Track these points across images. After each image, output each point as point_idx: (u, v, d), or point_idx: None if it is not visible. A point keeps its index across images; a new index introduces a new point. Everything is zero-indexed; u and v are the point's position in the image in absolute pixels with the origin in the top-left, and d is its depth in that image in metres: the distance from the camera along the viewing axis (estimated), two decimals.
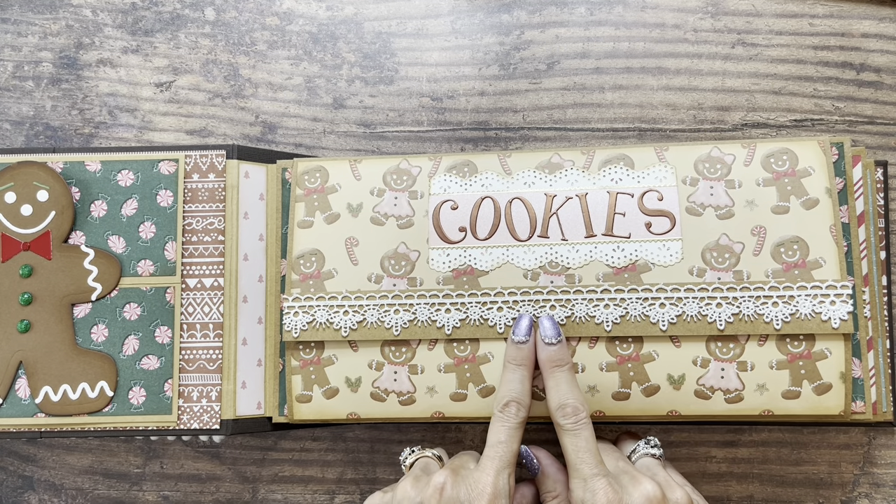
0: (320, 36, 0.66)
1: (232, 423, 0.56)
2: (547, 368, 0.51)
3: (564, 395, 0.50)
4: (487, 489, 0.47)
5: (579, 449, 0.48)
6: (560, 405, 0.49)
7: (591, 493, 0.46)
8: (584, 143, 0.64)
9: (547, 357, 0.51)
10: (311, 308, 0.55)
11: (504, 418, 0.50)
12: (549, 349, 0.51)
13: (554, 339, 0.51)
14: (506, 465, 0.49)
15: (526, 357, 0.51)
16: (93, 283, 0.57)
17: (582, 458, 0.48)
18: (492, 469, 0.48)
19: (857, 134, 0.62)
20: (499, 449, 0.49)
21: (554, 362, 0.51)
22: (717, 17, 0.64)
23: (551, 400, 0.50)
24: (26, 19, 0.68)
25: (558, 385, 0.50)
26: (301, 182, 0.57)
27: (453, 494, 0.47)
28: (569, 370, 0.51)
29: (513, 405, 0.50)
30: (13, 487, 0.64)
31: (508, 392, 0.50)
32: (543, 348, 0.51)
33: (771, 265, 0.51)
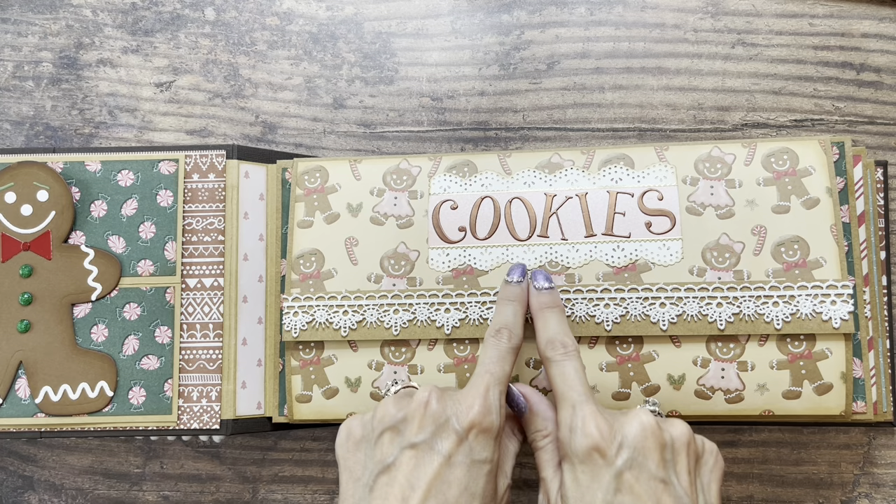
0: (320, 36, 0.66)
1: (232, 423, 0.56)
2: (537, 310, 0.50)
3: (553, 332, 0.48)
4: (476, 402, 0.45)
5: (567, 376, 0.46)
6: (549, 340, 0.48)
7: (581, 419, 0.44)
8: (584, 143, 0.64)
9: (538, 301, 0.50)
10: (310, 308, 0.55)
11: (496, 342, 0.48)
12: (542, 294, 0.50)
13: (546, 285, 0.50)
14: (497, 383, 0.47)
15: (518, 294, 0.50)
16: (93, 283, 0.57)
17: (570, 385, 0.46)
18: (482, 385, 0.46)
19: (857, 134, 0.62)
20: (490, 367, 0.47)
21: (545, 304, 0.50)
22: (717, 17, 0.64)
23: (540, 338, 0.49)
24: (26, 19, 0.68)
25: (547, 323, 0.49)
26: (301, 182, 0.57)
27: (439, 409, 0.45)
28: (560, 311, 0.50)
29: (505, 331, 0.49)
30: (13, 487, 0.64)
31: (502, 321, 0.50)
32: (535, 295, 0.50)
33: (771, 265, 0.51)
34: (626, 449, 0.43)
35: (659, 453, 0.43)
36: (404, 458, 0.44)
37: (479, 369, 0.47)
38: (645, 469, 0.43)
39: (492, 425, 0.45)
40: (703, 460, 0.46)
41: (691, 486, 0.44)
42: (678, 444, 0.44)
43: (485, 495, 0.45)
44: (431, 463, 0.44)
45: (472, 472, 0.44)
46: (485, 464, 0.45)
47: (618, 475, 0.42)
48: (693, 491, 0.44)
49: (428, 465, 0.44)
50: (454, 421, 0.45)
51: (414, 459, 0.44)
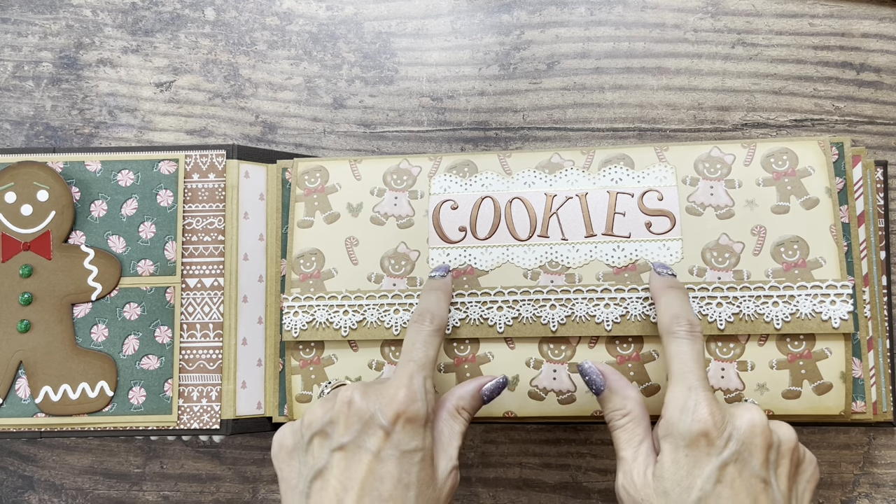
0: (320, 36, 0.66)
1: (232, 422, 0.56)
2: (661, 290, 0.49)
3: (678, 308, 0.47)
4: (400, 392, 0.45)
5: (689, 357, 0.45)
6: (675, 315, 0.47)
7: (694, 402, 0.43)
8: (584, 143, 0.64)
9: (661, 282, 0.50)
10: (310, 308, 0.55)
11: (418, 326, 0.48)
12: (664, 277, 0.50)
13: (668, 271, 0.50)
14: (420, 368, 0.46)
15: (441, 284, 0.51)
16: (93, 282, 0.57)
17: (690, 367, 0.45)
18: (405, 373, 0.46)
19: (857, 134, 0.62)
20: (413, 353, 0.47)
21: (669, 283, 0.49)
22: (717, 17, 0.64)
23: (664, 313, 0.48)
24: (26, 19, 0.68)
25: (671, 301, 0.48)
26: (301, 182, 0.57)
27: (363, 405, 0.45)
28: (684, 292, 0.49)
29: (427, 314, 0.49)
30: (13, 487, 0.64)
31: (424, 307, 0.50)
32: (657, 278, 0.50)
33: (771, 265, 0.51)
34: (734, 441, 0.43)
35: (765, 452, 0.43)
36: (335, 461, 0.44)
37: (402, 357, 0.47)
38: (748, 465, 0.43)
39: (417, 413, 0.45)
40: (802, 468, 0.46)
41: (789, 491, 0.44)
42: (784, 448, 0.44)
43: (420, 483, 0.44)
44: (361, 461, 0.44)
45: (402, 464, 0.44)
46: (415, 452, 0.44)
47: (722, 466, 0.42)
48: (790, 497, 0.44)
49: (358, 464, 0.44)
50: (379, 416, 0.44)
51: (344, 461, 0.44)
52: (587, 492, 0.61)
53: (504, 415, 0.53)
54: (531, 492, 0.62)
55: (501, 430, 0.62)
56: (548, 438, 0.62)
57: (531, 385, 0.53)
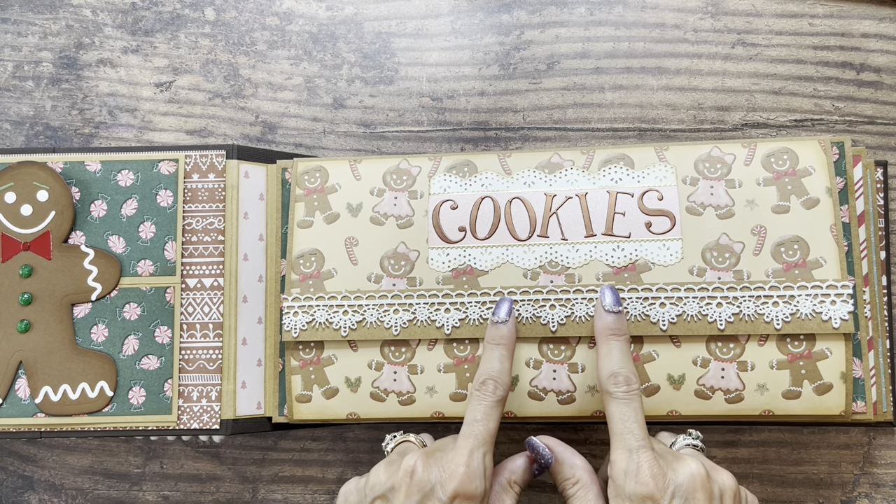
0: (320, 36, 0.66)
1: (232, 423, 0.56)
2: (602, 336, 0.50)
3: (617, 364, 0.48)
4: (460, 469, 0.46)
5: (627, 418, 0.47)
6: (612, 373, 0.48)
7: (636, 465, 0.45)
8: (584, 143, 0.64)
9: (604, 325, 0.50)
10: (310, 308, 0.55)
11: (481, 396, 0.48)
12: (608, 317, 0.50)
13: (613, 307, 0.50)
14: (481, 444, 0.47)
15: (505, 336, 0.50)
16: (93, 283, 0.57)
17: (629, 429, 0.46)
18: (465, 449, 0.46)
19: (857, 134, 0.62)
20: (474, 427, 0.47)
21: (611, 330, 0.49)
22: (717, 17, 0.64)
23: (603, 368, 0.49)
24: (26, 19, 0.68)
25: (611, 353, 0.49)
26: (301, 182, 0.57)
27: (424, 477, 0.46)
28: (625, 341, 0.49)
29: (490, 383, 0.49)
30: (13, 487, 0.64)
31: (486, 370, 0.49)
32: (602, 316, 0.50)
33: (771, 265, 0.51)
34: (678, 498, 0.44)
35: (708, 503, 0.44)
36: None
37: (464, 429, 0.48)
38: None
39: (476, 491, 0.46)
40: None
41: None
42: (727, 495, 0.46)
43: None
44: None
45: None
46: None
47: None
48: None
49: None
50: (439, 490, 0.45)
51: None
52: None
53: (504, 415, 0.53)
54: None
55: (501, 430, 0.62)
56: None
57: (531, 385, 0.53)
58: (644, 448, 0.45)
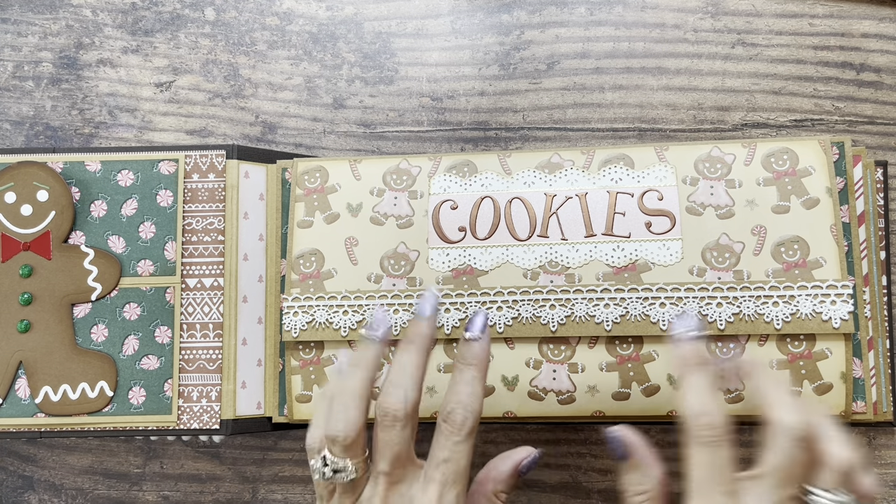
0: (320, 36, 0.66)
1: (232, 423, 0.56)
2: (682, 369, 0.43)
3: (704, 404, 0.41)
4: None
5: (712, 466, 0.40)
6: (701, 413, 0.41)
7: None
8: (584, 143, 0.64)
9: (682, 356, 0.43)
10: (310, 308, 0.55)
11: (448, 431, 0.42)
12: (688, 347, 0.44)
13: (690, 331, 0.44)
14: (452, 485, 0.42)
15: (477, 355, 0.44)
16: (93, 283, 0.57)
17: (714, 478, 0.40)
18: (434, 493, 0.42)
19: (857, 134, 0.62)
20: (443, 469, 0.42)
21: (692, 359, 0.43)
22: (717, 17, 0.64)
23: (689, 404, 0.41)
24: (26, 19, 0.68)
25: (692, 390, 0.42)
26: (301, 182, 0.57)
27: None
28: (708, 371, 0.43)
29: (458, 413, 0.43)
30: (13, 487, 0.64)
31: (455, 398, 0.43)
32: (681, 344, 0.44)
33: (771, 265, 0.51)
34: None
35: None
36: None
37: (431, 470, 0.42)
38: None
39: None
40: None
41: None
42: None
43: None
44: None
45: None
46: None
47: None
48: None
49: None
50: None
51: None
52: (587, 492, 0.61)
53: (504, 415, 0.53)
54: (531, 492, 0.62)
55: (501, 430, 0.62)
56: (548, 438, 0.62)
57: (531, 385, 0.53)
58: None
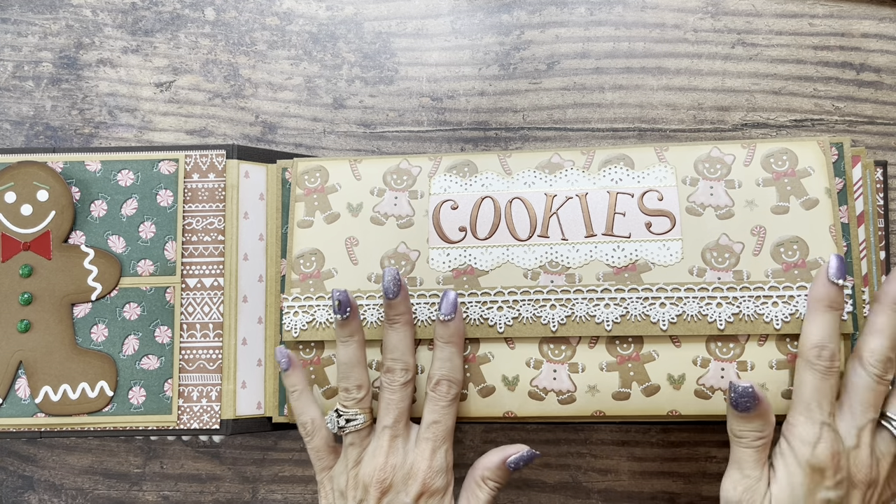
0: (320, 36, 0.66)
1: (232, 423, 0.56)
2: (820, 304, 0.49)
3: (827, 337, 0.48)
4: (423, 466, 0.50)
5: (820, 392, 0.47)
6: (820, 345, 0.48)
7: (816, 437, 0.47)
8: (584, 143, 0.64)
9: (825, 294, 0.49)
10: (310, 308, 0.55)
11: (436, 398, 0.51)
12: (831, 289, 0.49)
13: (838, 279, 0.49)
14: (441, 443, 0.51)
15: (453, 333, 0.51)
16: (93, 282, 0.57)
17: (819, 403, 0.47)
18: (428, 450, 0.50)
19: (857, 134, 0.62)
20: (434, 429, 0.51)
21: (830, 302, 0.49)
22: (717, 17, 0.64)
23: (810, 335, 0.49)
24: (26, 19, 0.68)
25: (826, 325, 0.49)
26: (301, 182, 0.57)
27: (389, 476, 0.50)
28: (839, 315, 0.49)
29: (444, 383, 0.51)
30: (13, 487, 0.64)
31: (439, 371, 0.51)
32: (824, 284, 0.49)
33: (771, 265, 0.51)
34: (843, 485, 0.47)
35: None
36: None
37: (424, 430, 0.51)
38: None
39: (438, 488, 0.50)
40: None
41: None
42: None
43: None
44: None
45: None
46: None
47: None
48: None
49: None
50: (403, 496, 0.50)
51: None
52: (587, 492, 0.61)
53: (504, 415, 0.53)
54: (531, 492, 0.62)
55: (501, 430, 0.62)
56: (548, 438, 0.62)
57: (531, 385, 0.53)
58: (828, 427, 0.47)
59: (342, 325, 0.51)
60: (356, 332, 0.52)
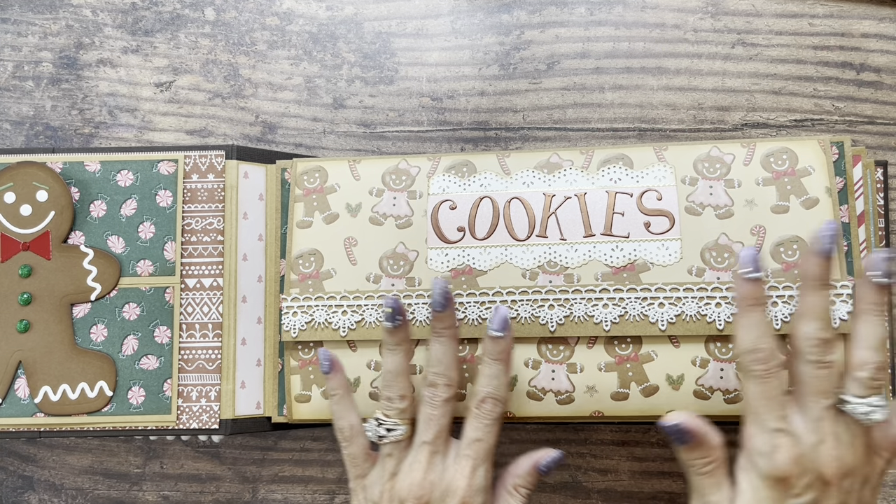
0: (320, 36, 0.66)
1: (231, 422, 0.56)
2: (743, 305, 0.46)
3: (759, 338, 0.45)
4: (462, 484, 0.48)
5: (765, 397, 0.45)
6: (753, 348, 0.45)
7: (771, 447, 0.44)
8: (584, 143, 0.64)
9: (745, 293, 0.46)
10: (309, 308, 0.55)
11: (480, 415, 0.49)
12: (748, 285, 0.46)
13: (755, 272, 0.45)
14: (482, 461, 0.49)
15: (504, 351, 0.49)
16: (92, 283, 0.57)
17: (767, 408, 0.45)
18: (468, 467, 0.49)
19: (857, 134, 0.62)
20: (476, 446, 0.49)
21: (752, 299, 0.46)
22: (717, 17, 0.63)
23: (742, 340, 0.45)
24: (26, 19, 0.68)
25: (753, 325, 0.45)
26: (300, 182, 0.57)
27: (427, 492, 0.49)
28: (765, 311, 0.46)
29: (489, 401, 0.49)
30: (13, 487, 0.64)
31: (485, 388, 0.49)
32: (742, 283, 0.46)
33: (770, 265, 0.51)
34: (813, 489, 0.45)
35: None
36: None
37: (466, 447, 0.49)
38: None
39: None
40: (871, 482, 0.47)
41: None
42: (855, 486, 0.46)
43: None
44: None
45: None
46: None
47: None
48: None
49: None
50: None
51: None
52: (587, 492, 0.61)
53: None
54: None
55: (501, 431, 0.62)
56: (548, 438, 0.62)
57: (529, 385, 0.53)
58: (782, 432, 0.44)
59: (392, 333, 0.50)
60: (404, 341, 0.50)
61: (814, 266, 0.46)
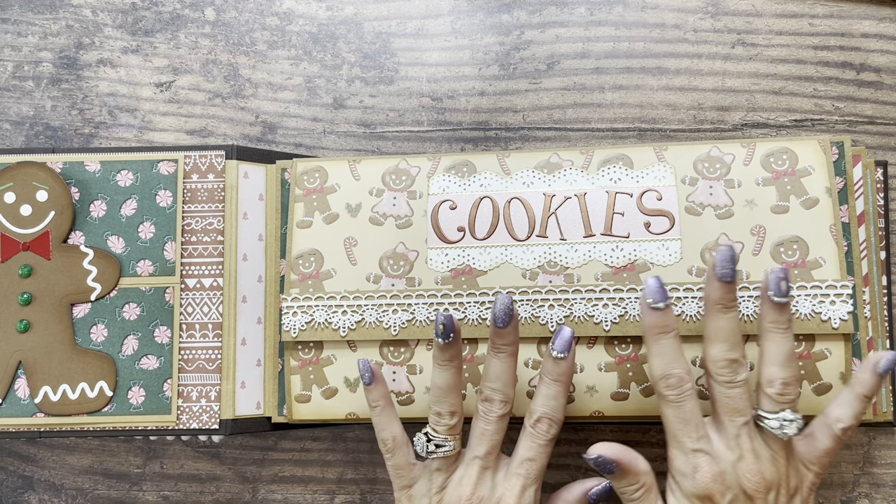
0: (320, 36, 0.66)
1: (231, 422, 0.56)
2: (651, 335, 0.47)
3: (669, 365, 0.47)
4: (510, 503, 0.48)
5: (681, 421, 0.47)
6: (664, 374, 0.47)
7: (692, 467, 0.46)
8: (584, 143, 0.64)
9: (652, 322, 0.47)
10: (309, 308, 0.55)
11: (535, 434, 0.49)
12: (655, 314, 0.47)
13: (661, 302, 0.47)
14: (532, 482, 0.49)
15: (565, 373, 0.49)
16: (92, 283, 0.57)
17: (684, 431, 0.46)
18: (518, 486, 0.49)
19: (857, 134, 0.62)
20: (528, 466, 0.49)
21: (660, 328, 0.47)
22: (717, 17, 0.63)
23: (655, 368, 0.47)
24: (26, 19, 0.68)
25: (663, 353, 0.47)
26: (300, 182, 0.57)
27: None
28: (675, 337, 0.47)
29: (545, 422, 0.49)
30: (13, 487, 0.64)
31: (542, 408, 0.49)
32: (649, 313, 0.47)
33: (770, 265, 0.51)
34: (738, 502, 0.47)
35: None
36: None
37: (517, 466, 0.49)
38: None
39: None
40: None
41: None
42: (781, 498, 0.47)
43: None
44: None
45: None
46: None
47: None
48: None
49: None
50: None
51: None
52: None
53: None
54: None
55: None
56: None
57: (530, 385, 0.53)
58: (700, 452, 0.46)
59: (443, 349, 0.49)
60: (456, 356, 0.49)
61: (714, 291, 0.47)
